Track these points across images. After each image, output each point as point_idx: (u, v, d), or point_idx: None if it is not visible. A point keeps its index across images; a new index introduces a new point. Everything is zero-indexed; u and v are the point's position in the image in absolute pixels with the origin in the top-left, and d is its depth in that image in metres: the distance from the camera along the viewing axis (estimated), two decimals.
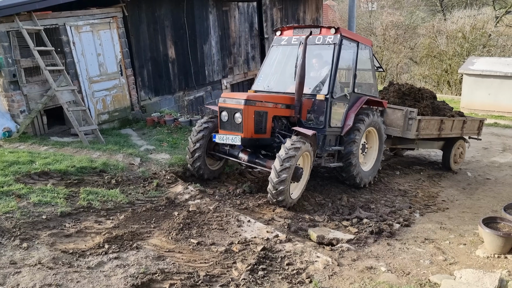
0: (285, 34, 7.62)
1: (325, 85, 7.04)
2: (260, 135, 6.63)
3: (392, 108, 8.87)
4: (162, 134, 8.80)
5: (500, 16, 27.84)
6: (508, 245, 4.74)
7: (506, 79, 16.92)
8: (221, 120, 6.64)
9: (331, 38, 7.06)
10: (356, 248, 5.03)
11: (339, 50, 7.00)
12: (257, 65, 12.95)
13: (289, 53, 7.65)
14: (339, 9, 36.10)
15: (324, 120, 6.93)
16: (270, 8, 12.99)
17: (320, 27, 7.36)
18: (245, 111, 6.33)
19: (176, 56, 10.44)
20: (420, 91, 9.73)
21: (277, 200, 6.12)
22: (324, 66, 7.41)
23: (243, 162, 6.89)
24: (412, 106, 9.15)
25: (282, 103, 6.84)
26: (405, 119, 8.63)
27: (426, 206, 7.17)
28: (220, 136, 6.60)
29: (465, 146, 10.52)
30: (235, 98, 6.53)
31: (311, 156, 6.59)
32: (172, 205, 5.93)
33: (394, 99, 9.39)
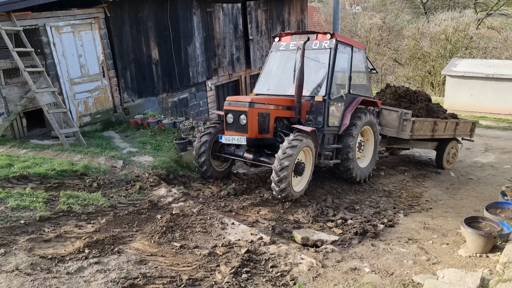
0: (283, 40, 8.08)
1: (323, 87, 7.51)
2: (263, 135, 7.05)
3: (388, 109, 9.22)
4: (146, 136, 8.70)
5: (481, 19, 28.32)
6: (490, 244, 4.78)
7: (488, 81, 17.20)
8: (227, 122, 7.04)
9: (327, 43, 7.52)
10: (340, 249, 5.01)
11: (335, 54, 7.46)
12: (242, 67, 12.91)
13: (288, 58, 8.07)
14: (324, 11, 36.30)
15: (322, 120, 7.41)
16: (254, 9, 12.96)
17: (317, 33, 7.77)
18: (250, 113, 6.76)
19: (159, 57, 10.34)
20: (416, 94, 10.08)
21: (280, 189, 6.40)
22: (321, 69, 7.82)
23: (249, 161, 7.29)
24: (407, 108, 9.44)
25: (283, 105, 7.27)
26: (400, 120, 8.98)
27: (410, 206, 7.21)
28: (226, 137, 7.03)
29: (458, 146, 10.81)
30: (240, 101, 6.98)
31: (313, 152, 6.95)
32: (155, 208, 5.85)
33: (390, 101, 9.74)
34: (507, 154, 12.29)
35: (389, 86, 10.57)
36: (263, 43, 13.63)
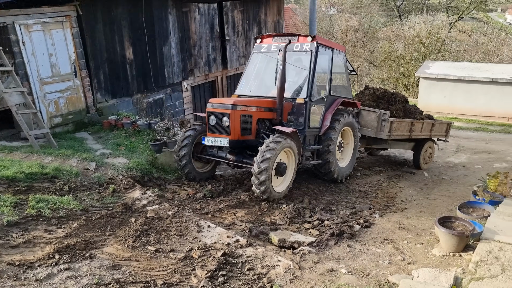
0: (265, 42, 8.20)
1: (304, 89, 7.65)
2: (246, 137, 7.15)
3: (367, 110, 9.46)
4: (120, 138, 8.50)
5: (453, 22, 29.06)
6: (462, 243, 4.85)
7: (460, 83, 17.62)
8: (209, 124, 7.13)
9: (308, 45, 7.66)
10: (317, 250, 5.00)
11: (316, 56, 7.58)
12: (218, 67, 12.82)
13: (269, 60, 8.22)
14: (301, 13, 36.54)
15: (303, 121, 7.55)
16: (231, 10, 12.89)
17: (298, 35, 7.94)
18: (232, 115, 6.85)
19: (134, 57, 10.15)
20: (393, 95, 10.37)
21: (260, 191, 6.50)
22: (302, 71, 7.95)
23: (231, 162, 7.36)
24: (385, 109, 9.70)
25: (265, 107, 7.36)
26: (379, 120, 9.23)
27: (385, 206, 7.29)
28: (209, 139, 7.13)
29: (434, 147, 11.09)
30: (222, 103, 7.04)
31: (295, 153, 7.04)
32: (129, 211, 5.72)
33: (369, 102, 9.97)
34: (478, 154, 12.61)
35: (367, 87, 10.82)
36: (239, 44, 13.58)
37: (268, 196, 6.61)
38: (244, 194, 7.24)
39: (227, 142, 6.93)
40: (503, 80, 17.16)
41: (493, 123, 17.11)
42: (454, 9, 30.67)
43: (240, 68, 13.88)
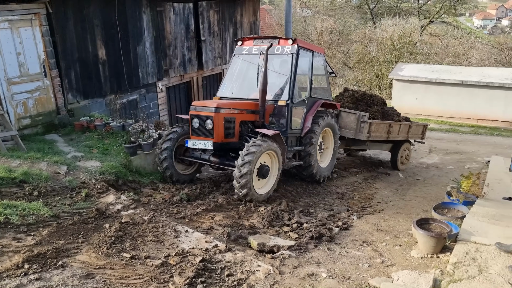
0: (246, 44, 8.29)
1: (286, 91, 7.73)
2: (229, 140, 7.22)
3: (346, 112, 9.64)
4: (92, 140, 8.24)
5: (424, 26, 29.74)
6: (440, 245, 4.90)
7: (431, 85, 18.03)
8: (193, 127, 7.17)
9: (289, 48, 7.77)
10: (297, 254, 4.95)
11: (296, 59, 7.71)
12: (194, 68, 12.65)
13: (250, 62, 8.31)
14: (276, 14, 36.63)
15: (285, 123, 7.66)
16: (206, 10, 12.75)
17: (279, 38, 8.04)
18: (216, 118, 6.93)
19: (107, 56, 9.87)
20: (372, 97, 10.68)
21: (242, 194, 6.61)
22: (283, 74, 8.01)
23: (214, 165, 7.48)
24: (364, 110, 9.91)
25: (247, 109, 7.45)
26: (358, 122, 9.42)
27: (363, 208, 7.31)
28: (192, 142, 7.16)
29: (410, 148, 11.37)
30: (205, 106, 7.09)
31: (278, 155, 7.13)
32: (103, 217, 5.52)
33: (348, 104, 10.19)
34: (449, 155, 12.90)
35: (347, 89, 11.09)
36: (215, 44, 13.44)
37: (250, 198, 6.68)
38: (222, 197, 7.15)
39: (211, 145, 6.96)
40: (473, 83, 17.65)
41: (463, 124, 17.58)
42: (426, 13, 31.43)
43: (215, 69, 13.75)
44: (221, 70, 14.05)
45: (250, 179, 6.56)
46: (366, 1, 32.99)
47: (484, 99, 17.75)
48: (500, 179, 8.27)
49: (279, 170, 7.29)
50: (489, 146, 13.95)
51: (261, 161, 6.88)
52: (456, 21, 35.67)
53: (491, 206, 6.32)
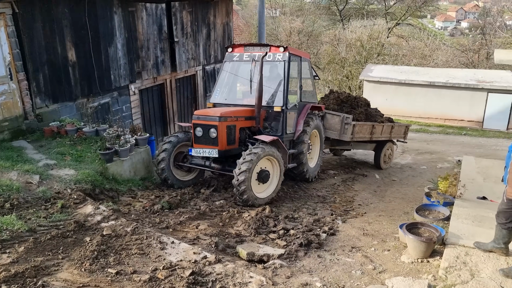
0: (236, 51, 8.52)
1: (280, 97, 8.02)
2: (231, 146, 7.47)
3: (331, 114, 9.96)
4: (64, 146, 7.84)
5: (391, 28, 30.41)
6: (430, 249, 4.93)
7: (400, 86, 18.43)
8: (196, 136, 7.40)
9: (280, 55, 8.05)
10: (288, 263, 4.85)
11: (288, 66, 8.02)
12: (167, 70, 12.34)
13: (242, 68, 8.58)
14: (243, 15, 36.54)
15: (281, 128, 7.98)
16: (179, 10, 12.46)
17: (270, 45, 8.27)
18: (220, 126, 7.16)
19: (77, 58, 9.44)
20: (356, 99, 10.98)
21: (241, 200, 6.87)
22: (274, 79, 8.31)
23: (216, 171, 7.72)
24: (348, 112, 10.26)
25: (245, 116, 7.71)
26: (342, 124, 9.76)
27: (345, 211, 7.31)
28: (196, 150, 7.37)
29: (393, 148, 11.67)
30: (209, 115, 7.30)
31: (278, 160, 7.38)
32: (83, 229, 5.22)
33: (333, 106, 10.48)
34: (421, 155, 13.19)
35: (332, 92, 11.34)
36: (189, 46, 13.17)
37: (252, 203, 6.91)
38: (203, 204, 6.98)
39: (216, 153, 7.18)
40: (440, 84, 18.18)
41: (432, 124, 18.08)
42: (392, 15, 32.15)
43: (189, 71, 13.48)
44: (195, 72, 13.80)
45: (248, 186, 6.79)
46: (335, 2, 33.44)
47: (451, 100, 18.32)
48: (473, 178, 8.47)
49: (281, 174, 7.53)
50: (458, 146, 14.39)
51: (261, 167, 7.14)
52: (421, 23, 36.73)
53: (469, 206, 6.45)
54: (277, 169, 7.45)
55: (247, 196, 6.81)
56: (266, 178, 7.21)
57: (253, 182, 7.02)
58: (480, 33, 34.40)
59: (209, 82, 14.79)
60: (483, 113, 18.59)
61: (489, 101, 18.34)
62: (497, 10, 40.93)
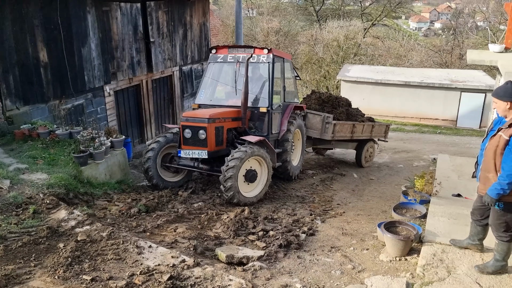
0: (220, 52, 8.63)
1: (265, 98, 8.19)
2: (219, 147, 7.59)
3: (313, 113, 10.23)
4: (36, 150, 7.61)
5: (367, 28, 30.80)
6: (408, 247, 4.97)
7: (377, 86, 18.67)
8: (184, 137, 7.47)
9: (264, 57, 8.20)
10: (268, 265, 4.81)
11: (273, 67, 8.16)
12: (143, 70, 12.15)
13: (227, 70, 8.75)
14: (219, 15, 36.40)
15: (267, 128, 8.16)
16: (155, 10, 12.29)
17: (254, 47, 8.42)
18: (209, 128, 7.28)
19: (49, 59, 9.18)
20: (337, 99, 11.26)
21: (227, 196, 6.99)
22: (258, 80, 8.50)
23: (205, 172, 7.84)
24: (330, 112, 10.49)
25: (232, 117, 7.83)
26: (323, 123, 10.02)
27: (324, 211, 7.32)
28: (185, 152, 7.47)
29: (374, 147, 12.00)
30: (197, 117, 7.40)
31: (266, 160, 7.52)
32: (56, 235, 5.06)
33: (315, 105, 10.72)
34: (398, 154, 13.38)
35: (314, 92, 11.59)
36: (165, 46, 13.00)
37: (237, 201, 7.05)
38: (181, 206, 6.88)
39: (206, 154, 7.31)
40: (415, 83, 18.49)
41: (407, 123, 18.38)
42: (368, 15, 32.59)
43: (165, 72, 13.31)
44: (171, 72, 13.64)
45: (235, 183, 6.92)
46: (312, 3, 33.68)
47: (426, 99, 18.66)
48: (448, 176, 8.63)
49: (269, 174, 7.65)
50: (433, 144, 14.66)
51: (248, 166, 7.29)
52: (396, 24, 37.37)
53: (445, 204, 6.54)
54: (265, 169, 7.59)
55: (233, 192, 6.93)
56: (254, 178, 7.37)
57: (240, 180, 7.16)
58: (452, 34, 35.22)
59: (186, 83, 14.65)
60: (456, 112, 19.02)
61: (462, 100, 18.78)
62: (469, 11, 42.00)
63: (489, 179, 4.09)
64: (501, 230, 4.13)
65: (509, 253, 4.24)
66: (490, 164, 4.07)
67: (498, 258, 4.24)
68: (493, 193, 3.94)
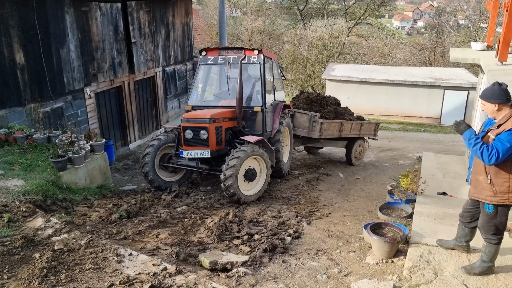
0: (210, 54, 8.75)
1: (259, 98, 8.44)
2: (219, 147, 7.80)
3: (300, 112, 10.40)
4: (13, 155, 7.36)
5: (351, 27, 30.90)
6: (394, 249, 4.90)
7: (362, 84, 18.69)
8: (186, 138, 7.62)
9: (255, 58, 8.40)
10: (252, 271, 4.68)
11: (264, 68, 8.38)
12: (125, 72, 11.92)
13: (218, 71, 9.00)
14: (203, 15, 36.14)
15: (261, 127, 8.38)
16: (136, 10, 12.06)
17: (244, 49, 8.61)
18: (210, 128, 7.48)
19: (26, 61, 8.92)
20: (325, 99, 11.42)
21: (228, 195, 7.20)
22: (249, 81, 8.67)
23: (204, 171, 8.00)
24: (317, 111, 10.65)
25: (229, 117, 8.03)
26: (310, 122, 10.20)
27: (310, 213, 7.21)
28: (187, 152, 7.63)
29: (364, 145, 12.12)
30: (198, 117, 7.57)
31: (265, 159, 7.72)
32: (32, 245, 4.85)
33: (303, 105, 10.90)
34: (384, 152, 13.38)
35: (302, 92, 11.82)
36: (147, 47, 12.78)
37: (238, 198, 7.24)
38: (164, 211, 6.72)
39: (208, 153, 7.50)
40: (399, 82, 18.57)
41: (392, 121, 18.44)
42: (352, 14, 32.70)
43: (148, 73, 13.09)
44: (154, 73, 13.42)
45: (235, 181, 7.12)
46: (296, 2, 33.66)
47: (410, 97, 18.75)
48: (433, 174, 8.63)
49: (268, 173, 7.85)
50: (418, 142, 14.71)
51: (248, 165, 7.47)
52: (379, 23, 37.61)
53: (431, 203, 6.51)
54: (264, 168, 7.78)
55: (233, 190, 7.12)
56: (253, 176, 7.57)
57: (240, 179, 7.36)
58: (435, 32, 35.59)
59: (170, 84, 14.44)
60: (440, 109, 19.17)
61: (445, 98, 18.92)
62: (451, 10, 42.50)
63: (479, 182, 4.04)
64: (490, 233, 4.08)
65: (496, 255, 4.19)
66: (479, 166, 4.02)
67: (485, 260, 4.19)
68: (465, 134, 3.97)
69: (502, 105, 3.88)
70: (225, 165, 7.16)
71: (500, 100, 3.87)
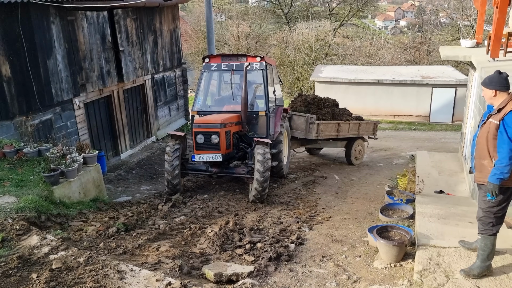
0: (213, 61, 8.99)
1: (262, 102, 8.82)
2: (228, 150, 8.09)
3: (297, 115, 10.61)
4: (3, 171, 7.12)
5: (336, 28, 31.02)
6: (402, 252, 4.82)
7: (350, 85, 18.72)
8: (197, 142, 7.85)
9: (258, 64, 8.73)
10: (259, 281, 4.56)
11: (266, 74, 8.73)
12: (114, 81, 11.71)
13: (221, 77, 9.41)
14: (189, 20, 35.98)
15: (266, 130, 8.70)
16: (123, 18, 11.87)
17: (247, 56, 8.94)
18: (221, 132, 7.78)
19: (12, 73, 8.68)
20: (322, 100, 11.53)
21: (262, 195, 7.67)
22: (251, 86, 8.93)
23: (214, 174, 8.35)
24: (315, 113, 10.79)
25: (236, 121, 8.35)
26: (307, 123, 10.40)
27: (310, 217, 7.12)
28: (199, 156, 7.89)
29: (364, 144, 12.17)
30: (210, 123, 7.84)
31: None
32: (28, 265, 4.66)
33: (301, 107, 11.06)
34: (376, 152, 13.37)
35: (300, 94, 12.01)
36: (135, 54, 12.60)
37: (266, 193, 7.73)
38: (162, 222, 6.57)
39: (220, 157, 7.76)
40: (387, 81, 18.65)
41: (382, 121, 18.48)
42: (336, 15, 32.85)
43: (137, 81, 12.90)
44: (143, 81, 13.23)
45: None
46: (280, 6, 33.72)
47: (399, 96, 18.84)
48: (429, 173, 8.62)
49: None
50: (410, 141, 14.75)
51: None
52: (363, 23, 37.88)
53: (431, 202, 6.46)
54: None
55: (267, 191, 7.68)
56: None
57: None
58: (418, 31, 35.94)
59: (159, 91, 14.26)
60: (429, 107, 19.29)
61: (434, 96, 19.06)
62: (432, 8, 43.01)
63: (484, 166, 4.04)
64: (489, 224, 4.06)
65: (493, 250, 4.14)
66: (483, 151, 4.04)
67: (483, 258, 4.15)
68: (493, 179, 3.88)
69: (499, 91, 3.96)
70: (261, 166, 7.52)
71: (498, 87, 3.96)
